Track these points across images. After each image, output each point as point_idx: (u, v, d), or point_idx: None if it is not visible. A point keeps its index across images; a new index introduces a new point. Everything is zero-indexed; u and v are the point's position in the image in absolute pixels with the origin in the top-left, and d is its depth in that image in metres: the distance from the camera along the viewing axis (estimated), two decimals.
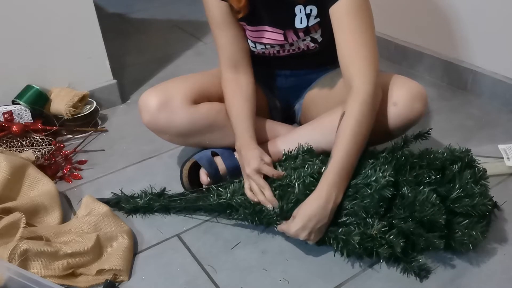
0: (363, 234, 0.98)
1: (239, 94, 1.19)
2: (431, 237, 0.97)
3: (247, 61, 1.23)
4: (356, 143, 1.01)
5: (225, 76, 1.22)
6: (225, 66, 1.21)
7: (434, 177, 1.02)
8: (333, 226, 1.02)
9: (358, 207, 1.00)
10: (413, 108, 1.09)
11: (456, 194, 1.00)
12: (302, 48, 1.21)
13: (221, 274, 1.04)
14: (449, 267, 1.02)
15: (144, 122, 1.20)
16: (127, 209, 1.20)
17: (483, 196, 1.00)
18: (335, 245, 1.02)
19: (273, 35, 1.18)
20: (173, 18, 2.58)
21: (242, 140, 1.14)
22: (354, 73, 1.03)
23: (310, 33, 1.17)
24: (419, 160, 1.05)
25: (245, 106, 1.18)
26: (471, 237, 0.98)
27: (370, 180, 1.00)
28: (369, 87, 1.01)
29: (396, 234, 0.97)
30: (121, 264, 1.03)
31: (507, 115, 1.56)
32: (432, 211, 0.96)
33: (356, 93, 1.01)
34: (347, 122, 1.01)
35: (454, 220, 1.00)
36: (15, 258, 0.98)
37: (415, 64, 1.85)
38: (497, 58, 1.59)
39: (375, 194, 0.98)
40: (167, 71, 2.00)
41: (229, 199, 1.11)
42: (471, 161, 1.06)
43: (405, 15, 1.83)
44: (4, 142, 1.41)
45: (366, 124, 1.01)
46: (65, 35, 1.55)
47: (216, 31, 1.20)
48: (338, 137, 1.02)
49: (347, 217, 1.01)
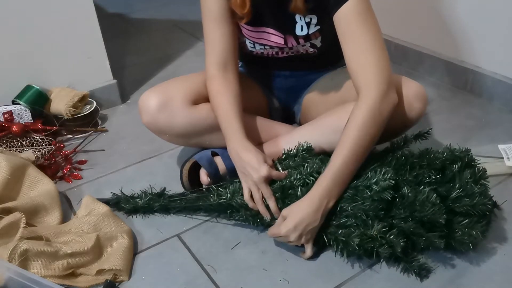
0: (363, 235, 0.98)
1: (229, 92, 1.14)
2: (431, 236, 0.97)
3: (235, 60, 1.20)
4: (356, 152, 0.99)
5: (212, 73, 1.17)
6: (214, 63, 1.17)
7: (434, 177, 1.02)
8: (333, 228, 1.02)
9: (358, 209, 0.99)
10: (413, 108, 1.09)
11: (456, 193, 1.00)
12: (301, 52, 1.21)
13: (221, 274, 1.04)
14: (449, 267, 1.02)
15: (144, 123, 1.20)
16: (127, 210, 1.20)
17: (483, 195, 1.00)
18: (335, 246, 1.02)
19: (274, 38, 1.18)
20: (173, 18, 2.58)
21: (237, 141, 1.09)
22: (362, 82, 1.01)
23: (310, 39, 1.16)
24: (419, 160, 1.05)
25: (235, 105, 1.13)
26: (471, 237, 0.98)
27: (371, 182, 0.99)
28: (377, 95, 0.99)
29: (396, 234, 0.97)
30: (121, 264, 1.03)
31: (507, 115, 1.56)
32: (432, 210, 0.96)
33: (363, 102, 1.00)
34: (349, 129, 1.00)
35: (454, 220, 1.00)
36: (15, 258, 0.98)
37: (415, 64, 1.85)
38: (497, 58, 1.59)
39: (375, 197, 0.98)
40: (167, 71, 2.00)
41: (230, 199, 1.11)
42: (471, 160, 1.06)
43: (405, 15, 1.83)
44: (4, 142, 1.41)
45: (369, 133, 0.99)
46: (65, 35, 1.55)
47: (209, 25, 1.16)
48: (339, 143, 1.01)
49: (347, 219, 1.01)
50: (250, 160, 1.05)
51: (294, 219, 0.99)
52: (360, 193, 1.00)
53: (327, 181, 0.99)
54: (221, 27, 1.14)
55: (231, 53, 1.17)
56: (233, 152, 1.10)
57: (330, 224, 1.03)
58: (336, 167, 0.99)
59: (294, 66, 1.29)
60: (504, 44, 1.55)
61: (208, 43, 1.17)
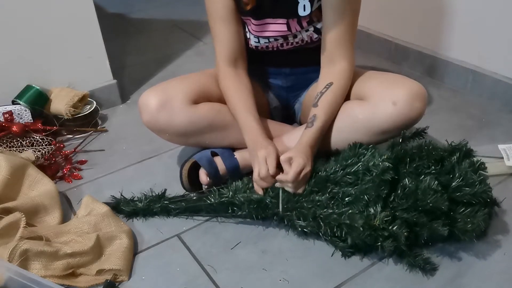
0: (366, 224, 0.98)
1: (244, 88, 1.20)
2: (434, 225, 0.97)
3: (244, 58, 1.25)
4: (336, 111, 1.16)
5: (225, 71, 1.22)
6: (225, 61, 1.21)
7: (434, 167, 1.03)
8: (335, 215, 1.02)
9: (360, 191, 1.00)
10: (413, 108, 1.09)
11: (456, 183, 1.00)
12: (305, 40, 1.22)
13: (221, 274, 1.04)
14: (450, 267, 1.02)
15: (144, 122, 1.20)
16: (127, 212, 1.20)
17: (482, 183, 1.01)
18: (339, 232, 1.02)
19: (277, 27, 1.19)
20: (173, 18, 2.58)
21: (252, 135, 1.15)
22: (342, 57, 1.17)
23: (313, 22, 1.18)
24: (418, 151, 1.06)
25: (250, 99, 1.19)
26: (474, 225, 0.98)
27: (369, 165, 1.01)
28: (352, 68, 1.18)
29: (399, 224, 0.97)
30: (121, 264, 1.03)
31: (507, 115, 1.56)
32: (434, 197, 0.96)
33: (344, 72, 1.17)
34: (334, 93, 1.15)
35: (456, 210, 1.01)
36: (15, 258, 0.98)
37: (415, 64, 1.85)
38: (497, 58, 1.59)
39: (376, 179, 0.99)
40: (167, 71, 2.00)
41: (232, 197, 1.11)
42: (469, 151, 1.08)
43: (405, 15, 1.83)
44: (4, 142, 1.41)
45: (344, 97, 1.18)
46: (65, 35, 1.55)
47: (217, 25, 1.20)
48: (324, 102, 1.14)
49: (349, 206, 1.02)
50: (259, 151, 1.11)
51: (303, 153, 1.07)
52: (361, 177, 1.02)
53: (316, 133, 1.11)
54: (229, 27, 1.19)
55: (239, 50, 1.22)
56: (249, 144, 1.16)
57: (332, 212, 1.03)
58: (322, 120, 1.12)
59: (296, 62, 1.29)
60: (504, 44, 1.55)
61: (217, 42, 1.22)
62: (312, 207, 1.05)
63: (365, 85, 1.17)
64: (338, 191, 1.05)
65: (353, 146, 1.10)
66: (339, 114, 1.16)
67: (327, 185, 1.06)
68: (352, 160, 1.06)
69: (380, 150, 1.07)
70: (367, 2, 1.23)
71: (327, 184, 1.06)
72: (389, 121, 1.10)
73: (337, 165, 1.08)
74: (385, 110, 1.09)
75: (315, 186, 1.07)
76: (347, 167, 1.06)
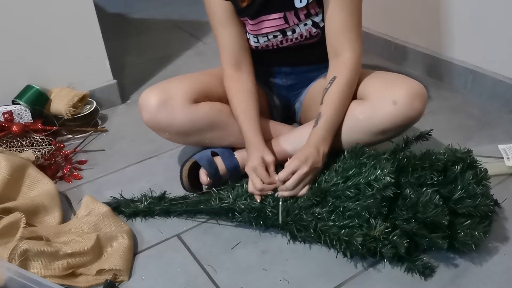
0: (366, 235, 0.98)
1: (244, 92, 1.20)
2: (434, 237, 0.97)
3: (249, 59, 1.25)
4: (344, 104, 1.13)
5: (228, 74, 1.23)
6: (228, 64, 1.23)
7: (436, 178, 1.02)
8: (335, 228, 1.02)
9: (361, 207, 1.00)
10: (413, 107, 1.09)
11: (458, 195, 1.00)
12: (304, 35, 1.21)
13: (221, 274, 1.04)
14: (450, 268, 1.02)
15: (144, 121, 1.20)
16: (127, 213, 1.19)
17: (485, 196, 1.00)
18: (338, 246, 1.02)
19: (273, 22, 1.19)
20: (173, 18, 2.58)
21: (246, 143, 1.15)
22: (346, 47, 1.14)
23: (311, 15, 1.18)
24: (420, 162, 1.04)
25: (250, 103, 1.19)
26: (474, 238, 0.98)
27: (370, 178, 1.00)
28: (358, 59, 1.15)
29: (399, 234, 0.97)
30: (121, 264, 1.03)
31: (507, 115, 1.56)
32: (435, 212, 0.96)
33: (348, 63, 1.13)
34: (338, 86, 1.12)
35: (457, 221, 1.00)
36: (15, 258, 0.98)
37: (415, 64, 1.85)
38: (497, 58, 1.59)
39: (378, 195, 0.98)
40: (167, 71, 1.99)
41: (232, 204, 1.11)
42: (473, 161, 1.06)
43: (405, 15, 1.83)
44: (4, 142, 1.41)
45: (352, 89, 1.14)
46: (65, 35, 1.55)
47: (218, 29, 1.21)
48: (328, 97, 1.12)
49: (349, 220, 1.01)
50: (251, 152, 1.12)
51: (300, 156, 1.06)
52: (362, 191, 1.01)
53: (322, 131, 1.10)
54: (229, 29, 1.20)
55: (242, 53, 1.23)
56: (246, 147, 1.17)
57: (333, 225, 1.03)
58: (329, 117, 1.10)
59: (295, 60, 1.29)
60: (504, 44, 1.55)
61: (220, 46, 1.24)
62: (312, 219, 1.05)
63: (365, 85, 1.17)
64: (338, 204, 1.04)
65: (353, 153, 1.09)
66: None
67: (328, 199, 1.06)
68: (353, 171, 1.05)
69: (381, 159, 1.05)
70: (367, 2, 1.22)
71: (327, 198, 1.06)
72: (389, 120, 1.09)
73: (338, 176, 1.06)
74: (385, 109, 1.09)
75: (315, 198, 1.06)
76: (349, 179, 1.05)
